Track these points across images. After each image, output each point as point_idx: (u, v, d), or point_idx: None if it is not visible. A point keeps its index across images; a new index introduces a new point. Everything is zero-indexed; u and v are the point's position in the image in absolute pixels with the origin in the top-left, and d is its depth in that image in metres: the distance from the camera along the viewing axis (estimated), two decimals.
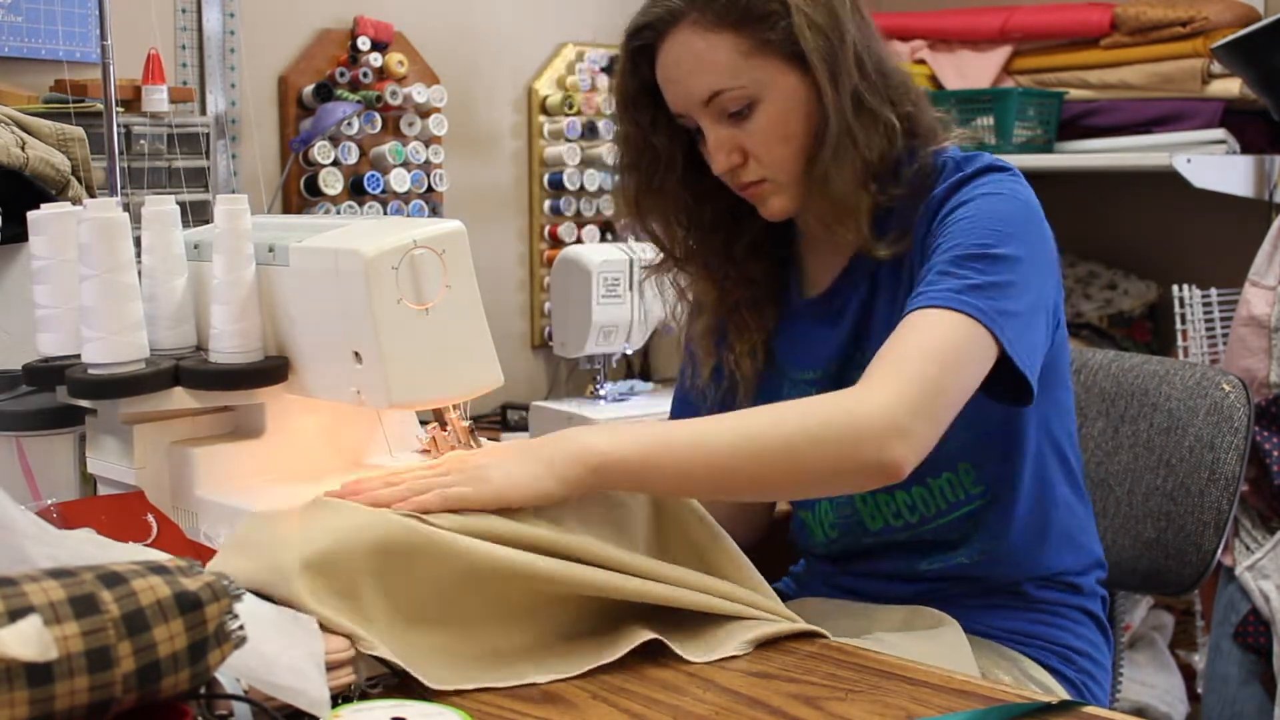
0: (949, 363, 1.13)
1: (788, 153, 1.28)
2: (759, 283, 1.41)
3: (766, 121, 1.26)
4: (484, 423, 2.61)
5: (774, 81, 1.26)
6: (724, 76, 1.25)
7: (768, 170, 1.29)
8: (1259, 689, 2.12)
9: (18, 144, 1.55)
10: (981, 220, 1.22)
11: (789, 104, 1.26)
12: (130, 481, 1.20)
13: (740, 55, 1.25)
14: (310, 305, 1.17)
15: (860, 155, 1.26)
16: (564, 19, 2.81)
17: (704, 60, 1.25)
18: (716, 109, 1.27)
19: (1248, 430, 1.51)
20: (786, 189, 1.30)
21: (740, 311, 1.41)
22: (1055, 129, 2.70)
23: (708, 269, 1.41)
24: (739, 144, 1.28)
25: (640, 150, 1.36)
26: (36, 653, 0.63)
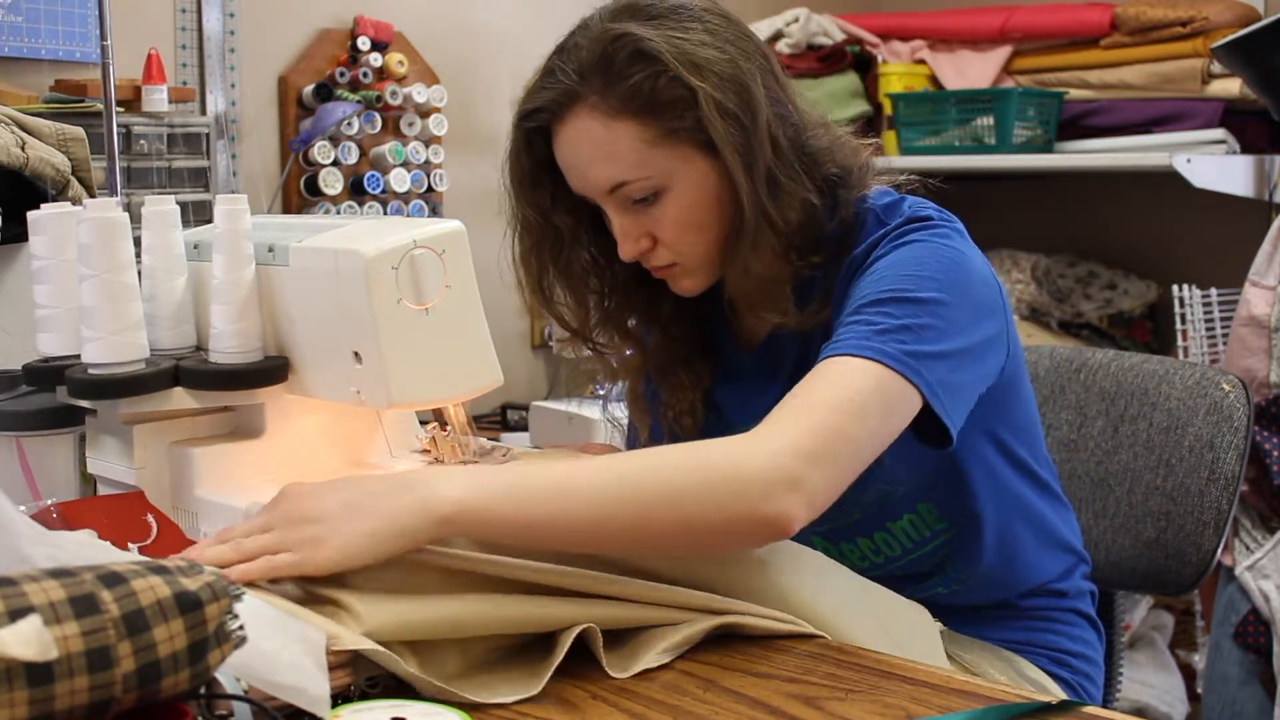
0: (853, 410, 1.03)
1: (699, 240, 1.21)
2: (690, 340, 1.34)
3: (676, 210, 1.19)
4: (484, 423, 2.61)
5: (682, 170, 1.18)
6: (628, 168, 1.17)
7: (677, 256, 1.22)
8: (1259, 689, 2.12)
9: (18, 144, 1.55)
10: (896, 268, 1.14)
11: (699, 192, 1.19)
12: (130, 481, 1.20)
13: (645, 144, 1.16)
14: (310, 305, 1.17)
15: (779, 235, 1.20)
16: (564, 19, 2.81)
17: (605, 150, 1.17)
18: (621, 198, 1.20)
19: (1247, 430, 1.51)
20: (698, 272, 1.24)
21: (674, 371, 1.34)
22: (1055, 129, 2.70)
23: (628, 332, 1.34)
24: (646, 230, 1.21)
25: (542, 232, 1.27)
26: (36, 653, 0.63)
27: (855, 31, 2.97)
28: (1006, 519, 1.29)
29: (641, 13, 1.19)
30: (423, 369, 1.12)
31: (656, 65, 1.15)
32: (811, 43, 2.89)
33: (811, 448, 1.00)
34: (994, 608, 1.33)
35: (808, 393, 1.05)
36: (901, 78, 2.90)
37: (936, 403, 1.08)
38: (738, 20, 1.23)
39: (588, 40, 1.19)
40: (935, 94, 2.86)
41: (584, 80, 1.18)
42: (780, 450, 0.99)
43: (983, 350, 1.16)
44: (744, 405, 1.32)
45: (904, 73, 2.91)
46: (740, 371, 1.34)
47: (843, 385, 1.05)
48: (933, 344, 1.09)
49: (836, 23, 2.94)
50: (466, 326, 1.14)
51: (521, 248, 1.29)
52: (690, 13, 1.19)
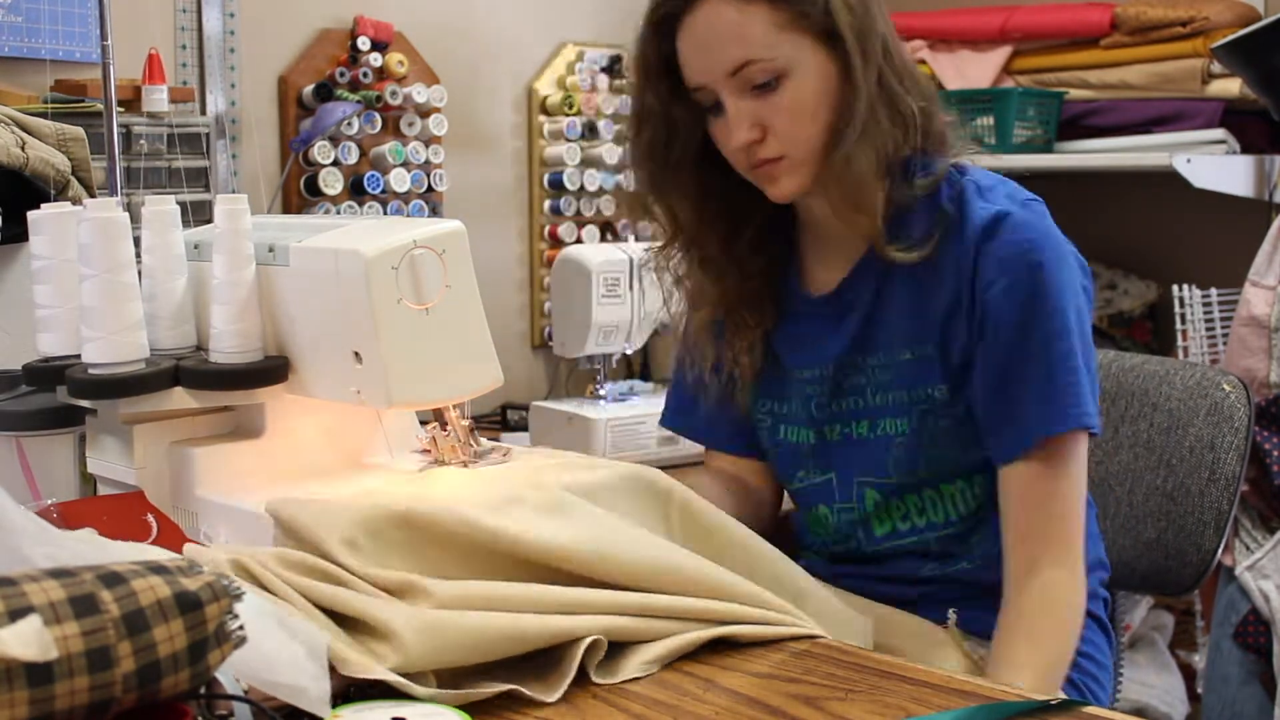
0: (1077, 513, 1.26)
1: (811, 130, 1.26)
2: (759, 279, 1.39)
3: (794, 97, 1.25)
4: (484, 423, 2.61)
5: (805, 57, 1.24)
6: (756, 47, 1.23)
7: (787, 147, 1.27)
8: (1259, 689, 2.12)
9: (18, 144, 1.55)
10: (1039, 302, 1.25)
11: (817, 81, 1.25)
12: (130, 481, 1.20)
13: (774, 28, 1.23)
14: (310, 305, 1.17)
15: (882, 142, 1.25)
16: (564, 19, 2.81)
17: (737, 30, 1.23)
18: (742, 80, 1.25)
19: (1248, 430, 1.51)
20: (801, 168, 1.28)
21: (739, 309, 1.39)
22: (1055, 129, 2.70)
23: (707, 262, 1.39)
24: (760, 118, 1.26)
25: (660, 122, 1.33)
26: (36, 653, 0.63)
27: None
28: None
29: None
30: (423, 369, 1.12)
31: None
32: None
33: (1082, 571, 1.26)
34: None
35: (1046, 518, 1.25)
36: None
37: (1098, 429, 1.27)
38: None
39: None
40: None
41: None
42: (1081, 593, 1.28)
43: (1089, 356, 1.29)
44: (803, 353, 1.37)
45: None
46: (805, 317, 1.38)
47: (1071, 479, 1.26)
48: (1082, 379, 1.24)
49: None
50: (466, 326, 1.14)
51: (637, 139, 1.35)
52: None
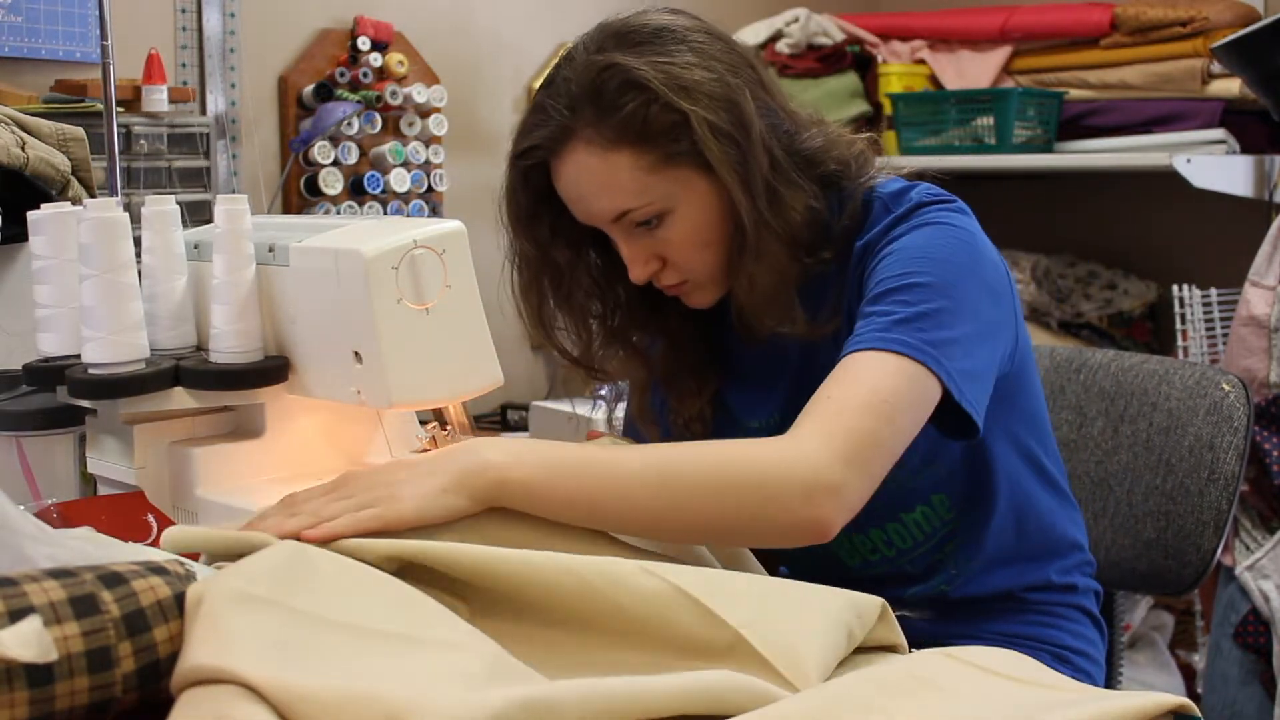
0: (884, 411, 1.05)
1: (707, 257, 1.22)
2: (696, 344, 1.35)
3: (681, 231, 1.20)
4: (484, 423, 2.61)
5: (683, 192, 1.18)
6: (629, 196, 1.17)
7: (687, 274, 1.24)
8: (1259, 689, 2.12)
9: (18, 144, 1.55)
10: (907, 252, 1.16)
11: (702, 211, 1.19)
12: (130, 481, 1.20)
13: (643, 171, 1.17)
14: (310, 305, 1.17)
15: (783, 243, 1.20)
16: (564, 19, 2.82)
17: (605, 181, 1.17)
18: (626, 224, 1.20)
19: (1247, 430, 1.51)
20: (709, 286, 1.25)
21: (682, 378, 1.35)
22: (1055, 129, 2.70)
23: (633, 348, 1.34)
24: (655, 252, 1.22)
25: (541, 266, 1.28)
26: (36, 654, 0.63)
27: (855, 31, 2.97)
28: (1015, 511, 1.30)
29: (626, 40, 1.19)
30: (423, 369, 1.12)
31: (646, 93, 1.15)
32: (811, 43, 2.89)
33: (847, 453, 1.02)
34: (997, 600, 1.33)
35: (837, 394, 1.07)
36: (901, 78, 2.90)
37: (956, 391, 1.10)
38: (721, 34, 1.23)
39: (575, 73, 1.19)
40: (935, 94, 2.86)
41: (576, 114, 1.17)
42: (818, 457, 1.02)
43: (995, 330, 1.18)
44: (753, 404, 1.33)
45: (904, 73, 2.91)
46: (747, 370, 1.35)
47: (871, 384, 1.07)
48: (948, 329, 1.11)
49: (836, 23, 2.94)
50: (466, 326, 1.14)
51: (521, 281, 1.29)
52: (674, 34, 1.19)
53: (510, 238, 1.28)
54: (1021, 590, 1.33)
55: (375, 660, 0.73)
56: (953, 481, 1.27)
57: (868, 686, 0.79)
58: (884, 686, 0.79)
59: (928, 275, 1.13)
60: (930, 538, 1.30)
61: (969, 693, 0.80)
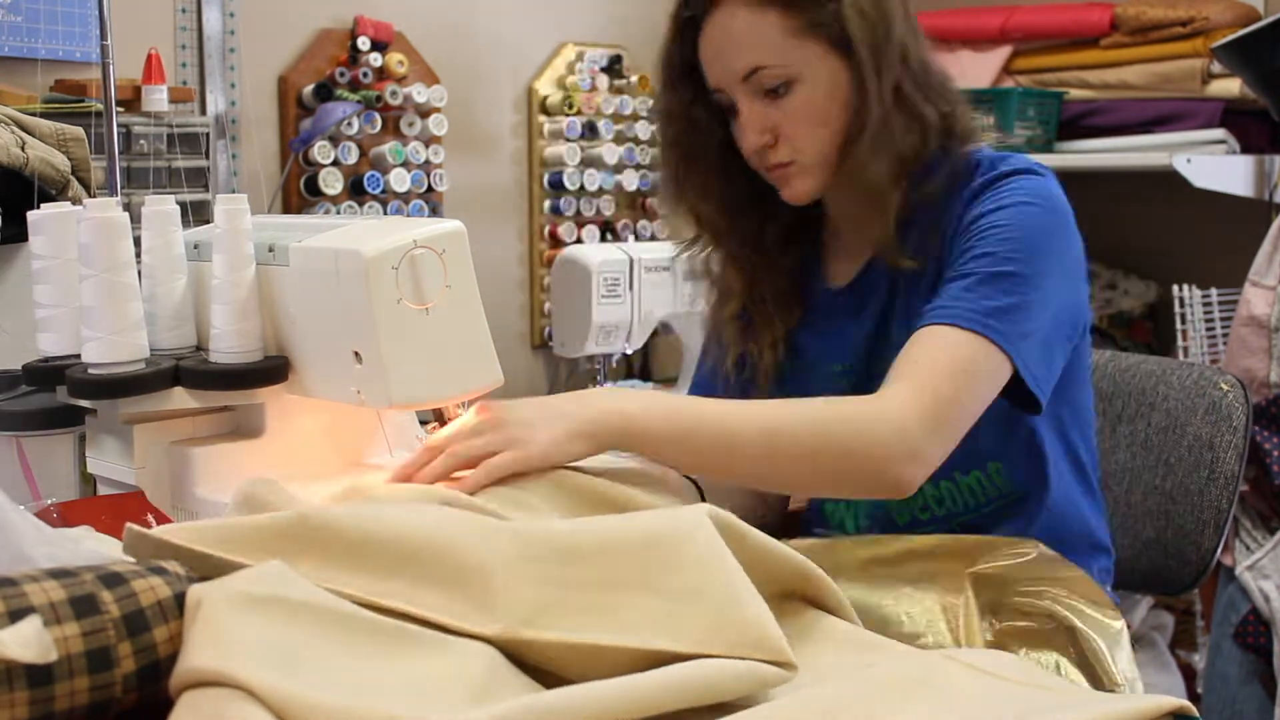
0: (964, 381, 1.15)
1: (821, 136, 1.27)
2: (786, 274, 1.40)
3: (803, 103, 1.25)
4: None
5: (816, 64, 1.25)
6: (766, 53, 1.24)
7: (798, 152, 1.28)
8: (1259, 689, 2.12)
9: (18, 144, 1.55)
10: (1009, 231, 1.22)
11: (828, 88, 1.25)
12: (130, 481, 1.20)
13: (785, 34, 1.24)
14: (310, 305, 1.17)
15: (896, 149, 1.26)
16: (564, 19, 2.82)
17: (748, 35, 1.24)
18: (754, 85, 1.26)
19: (1246, 429, 1.51)
20: (813, 172, 1.29)
21: (765, 303, 1.40)
22: (1055, 129, 2.70)
23: (737, 254, 1.40)
24: (772, 123, 1.27)
25: (683, 123, 1.34)
26: (36, 654, 0.63)
27: None
28: (1057, 497, 1.33)
29: None
30: (423, 369, 1.12)
31: None
32: None
33: (931, 418, 1.13)
34: None
35: (923, 360, 1.16)
36: None
37: (1030, 379, 1.18)
38: None
39: None
40: None
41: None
42: (905, 419, 1.12)
43: (1072, 319, 1.26)
44: (824, 345, 1.37)
45: None
46: (826, 310, 1.39)
47: (953, 355, 1.16)
48: (1032, 321, 1.19)
49: None
50: (466, 326, 1.14)
51: (662, 139, 1.38)
52: None
53: (659, 93, 1.37)
54: None
55: (377, 662, 0.73)
56: (1010, 451, 1.31)
57: (868, 688, 0.79)
58: (884, 688, 0.79)
59: (1023, 264, 1.20)
60: (979, 507, 1.32)
61: (969, 695, 0.80)
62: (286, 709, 0.64)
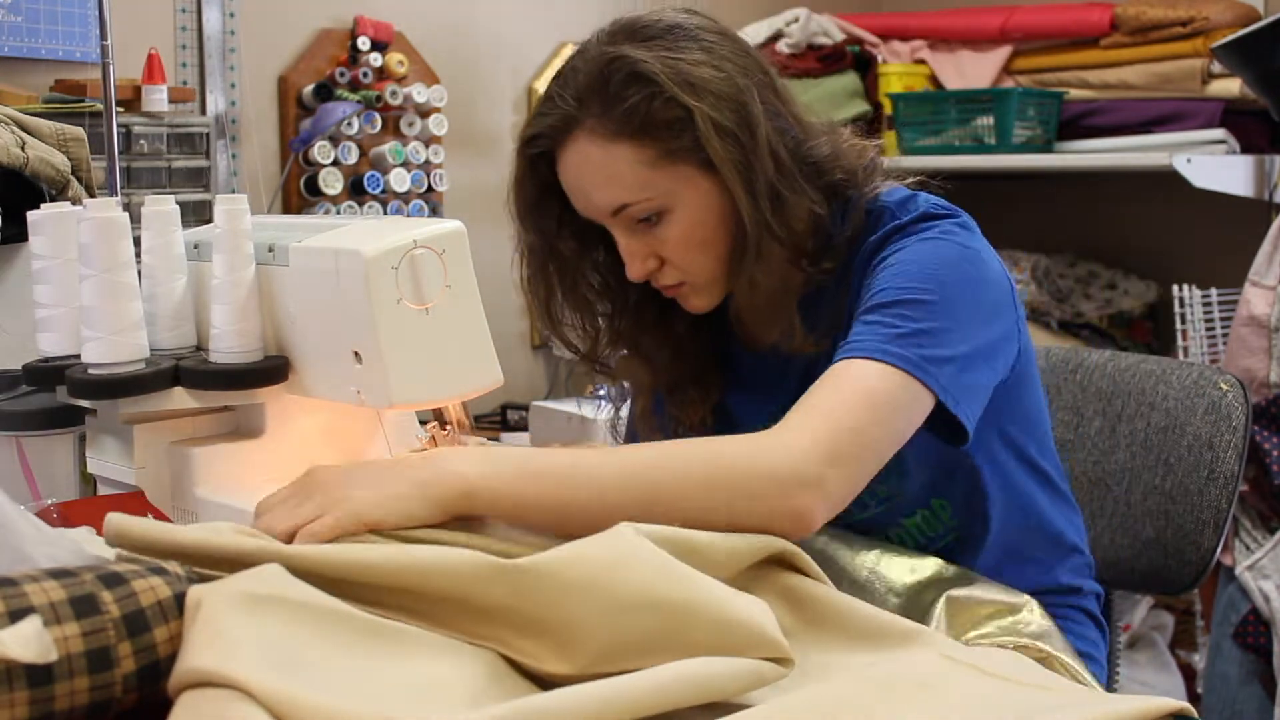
0: (867, 412, 1.05)
1: (706, 258, 1.21)
2: (700, 355, 1.34)
3: (680, 230, 1.19)
4: (484, 423, 2.61)
5: (684, 190, 1.18)
6: (629, 190, 1.17)
7: (685, 275, 1.23)
8: (1259, 689, 2.12)
9: (18, 144, 1.55)
10: (910, 266, 1.15)
11: (702, 210, 1.19)
12: (130, 481, 1.20)
13: (644, 166, 1.17)
14: (310, 305, 1.17)
15: (784, 247, 1.21)
16: (564, 19, 2.82)
17: (605, 173, 1.18)
18: (625, 219, 1.20)
19: (1246, 429, 1.51)
20: (707, 289, 1.25)
21: (685, 386, 1.34)
22: (1055, 129, 2.70)
23: (640, 350, 1.34)
24: (653, 250, 1.22)
25: (548, 256, 1.28)
26: (36, 654, 0.63)
27: (855, 31, 2.97)
28: (1014, 515, 1.30)
29: (637, 34, 1.19)
30: (423, 369, 1.12)
31: (652, 86, 1.15)
32: (811, 43, 2.89)
33: (831, 447, 1.01)
34: None
35: (826, 393, 1.06)
36: (901, 78, 2.91)
37: (951, 403, 1.09)
38: (736, 36, 1.23)
39: (585, 64, 1.19)
40: (935, 94, 2.86)
41: (582, 105, 1.18)
42: (800, 449, 1.00)
43: (993, 350, 1.17)
44: (757, 411, 1.32)
45: (904, 73, 2.91)
46: (751, 378, 1.34)
47: (860, 387, 1.06)
48: (946, 348, 1.11)
49: (836, 23, 2.95)
50: (466, 326, 1.14)
51: (528, 271, 1.29)
52: (686, 32, 1.19)
53: (517, 228, 1.28)
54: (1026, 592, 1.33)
55: (378, 663, 0.73)
56: (950, 485, 1.27)
57: (868, 688, 0.79)
58: (884, 689, 0.79)
59: (929, 293, 1.13)
60: (934, 542, 1.30)
61: (968, 695, 0.80)
62: (286, 710, 0.64)
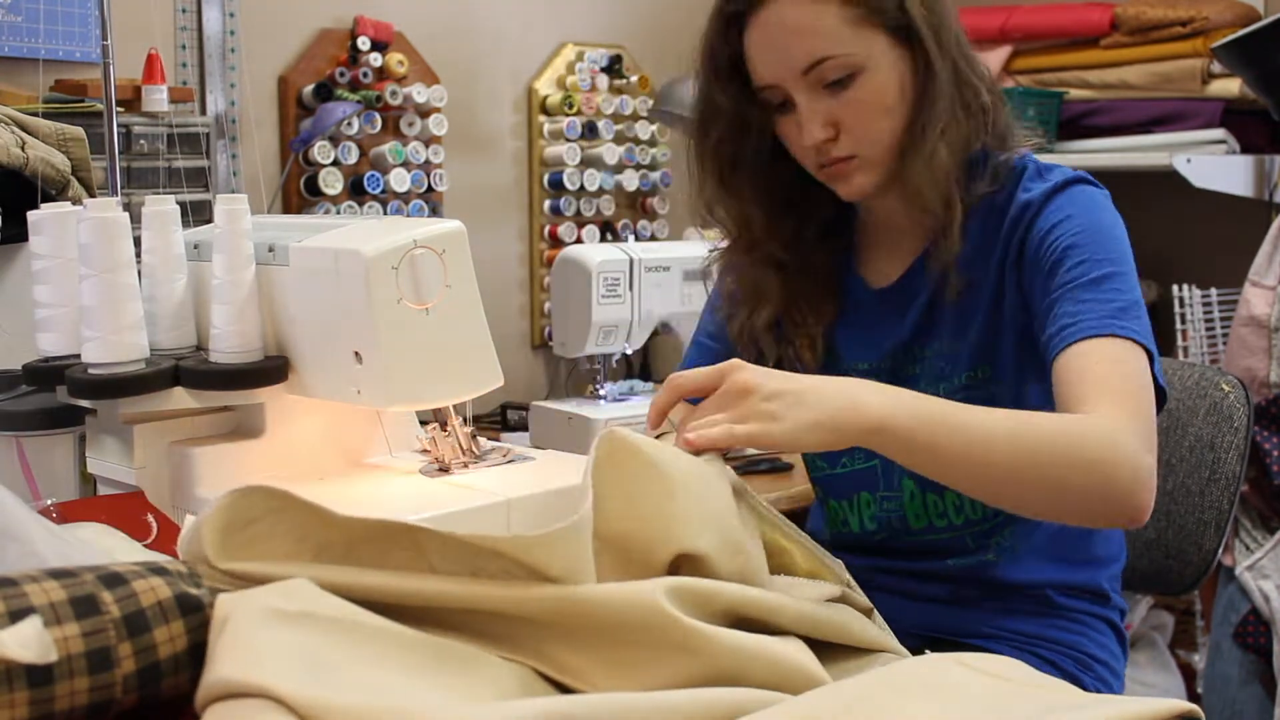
0: (1146, 392, 1.12)
1: (885, 128, 1.25)
2: (820, 274, 1.38)
3: (868, 93, 1.24)
4: (484, 423, 2.61)
5: (878, 53, 1.24)
6: (830, 43, 1.22)
7: (859, 145, 1.26)
8: (1259, 689, 2.12)
9: (18, 144, 1.55)
10: (1100, 239, 1.22)
11: (892, 77, 1.24)
12: (130, 481, 1.20)
13: (846, 23, 1.22)
14: (310, 305, 1.17)
15: (962, 135, 1.26)
16: (564, 19, 2.81)
17: (810, 26, 1.22)
18: (815, 78, 1.24)
19: (1247, 430, 1.51)
20: (874, 167, 1.27)
21: (800, 306, 1.38)
22: (1055, 129, 2.70)
23: (772, 261, 1.37)
24: (833, 116, 1.25)
25: (731, 124, 1.32)
26: (36, 655, 0.63)
27: None
28: None
29: None
30: (423, 369, 1.12)
31: None
32: None
33: (1147, 438, 1.09)
34: (1029, 598, 1.33)
35: (1112, 378, 1.12)
36: None
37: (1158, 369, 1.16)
38: None
39: None
40: None
41: None
42: (1136, 443, 1.07)
43: None
44: (861, 345, 1.36)
45: None
46: (863, 309, 1.37)
47: (1125, 369, 1.13)
48: (1143, 318, 1.18)
49: None
50: (466, 326, 1.14)
51: (710, 138, 1.33)
52: None
53: (703, 92, 1.32)
54: (1058, 588, 1.33)
55: (409, 674, 0.72)
56: None
57: (880, 689, 0.79)
58: (897, 690, 0.79)
59: (1123, 264, 1.21)
60: (993, 515, 1.31)
61: (978, 696, 0.80)
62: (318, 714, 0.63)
